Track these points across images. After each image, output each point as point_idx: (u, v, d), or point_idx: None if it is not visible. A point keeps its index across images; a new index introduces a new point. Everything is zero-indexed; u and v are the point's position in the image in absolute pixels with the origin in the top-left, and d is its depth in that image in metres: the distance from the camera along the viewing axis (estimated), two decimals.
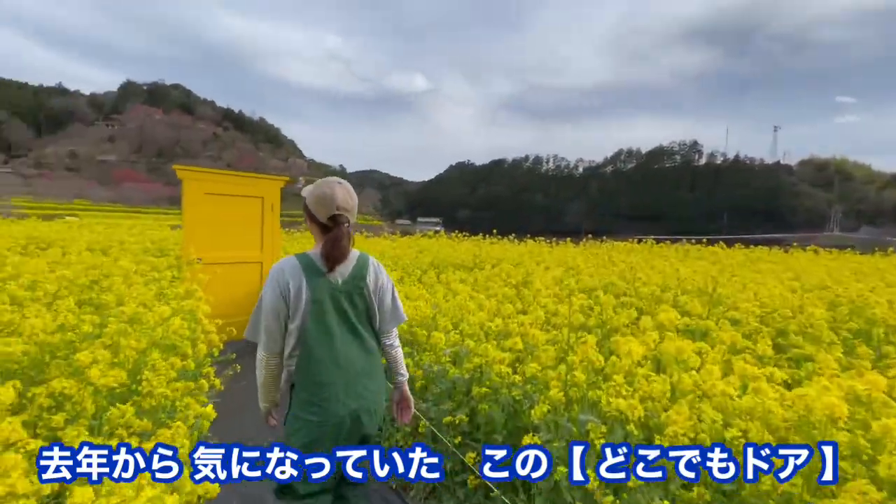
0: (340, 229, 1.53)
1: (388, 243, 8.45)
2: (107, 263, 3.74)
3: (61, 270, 3.52)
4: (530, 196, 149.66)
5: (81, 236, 6.82)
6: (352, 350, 1.57)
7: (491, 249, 7.69)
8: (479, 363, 2.15)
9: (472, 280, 4.54)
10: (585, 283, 4.00)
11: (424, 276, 4.46)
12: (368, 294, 1.60)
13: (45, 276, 3.20)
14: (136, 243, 6.10)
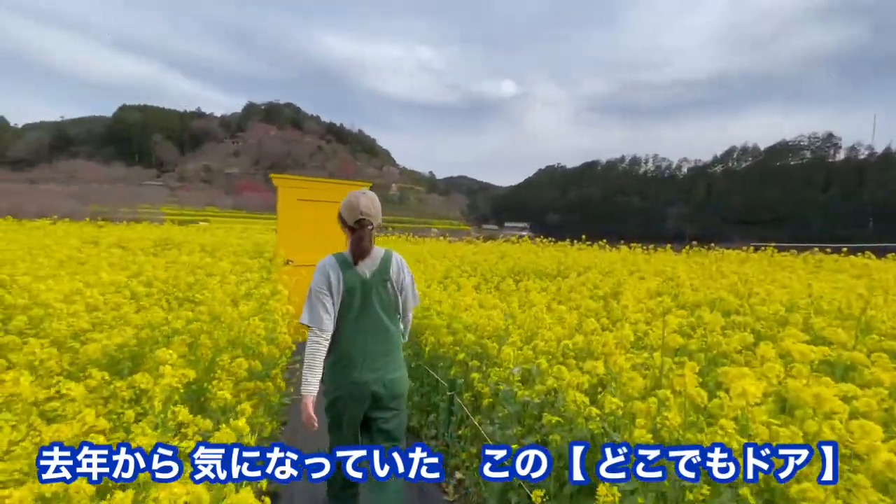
0: (363, 231, 1.94)
1: (468, 248, 8.36)
2: (210, 263, 4.10)
3: (174, 270, 3.94)
4: (626, 199, 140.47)
5: (198, 238, 7.75)
6: (374, 332, 1.92)
7: (578, 256, 7.20)
8: (552, 386, 1.90)
9: (554, 289, 4.23)
10: (687, 298, 3.48)
11: (503, 283, 4.25)
12: (392, 284, 1.98)
13: (158, 273, 3.60)
14: (239, 245, 6.72)
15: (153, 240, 7.04)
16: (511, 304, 3.09)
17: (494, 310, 3.16)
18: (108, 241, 6.59)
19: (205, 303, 2.64)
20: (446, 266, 5.59)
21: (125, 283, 3.30)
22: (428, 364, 3.11)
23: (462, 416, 2.54)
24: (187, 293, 3.19)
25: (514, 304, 3.11)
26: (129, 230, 9.84)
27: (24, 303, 2.74)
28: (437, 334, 2.93)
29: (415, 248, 8.05)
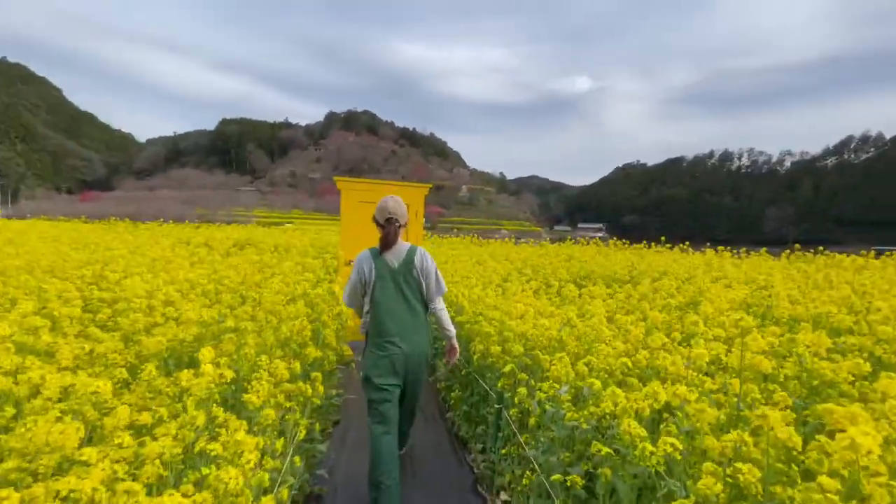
0: (391, 227, 2.40)
1: (532, 250, 8.02)
2: (274, 264, 4.30)
3: (243, 268, 4.17)
4: (714, 198, 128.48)
5: (273, 239, 8.28)
6: (403, 312, 2.36)
7: (654, 260, 6.60)
8: (606, 410, 1.67)
9: (622, 297, 3.86)
10: (782, 312, 2.97)
11: (564, 288, 3.97)
12: (416, 274, 2.41)
13: (229, 272, 3.83)
14: (311, 244, 7.03)
15: (235, 240, 7.63)
16: (569, 313, 2.84)
17: (551, 318, 2.93)
18: (197, 241, 7.25)
19: (259, 303, 2.73)
20: (506, 269, 5.39)
21: (197, 282, 3.54)
22: (477, 372, 2.96)
23: (508, 433, 2.36)
24: (249, 292, 3.35)
25: (572, 312, 2.86)
26: (219, 231, 10.82)
27: (111, 296, 3.04)
28: (485, 342, 2.77)
29: (477, 250, 7.90)
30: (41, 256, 4.78)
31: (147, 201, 76.78)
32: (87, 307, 3.00)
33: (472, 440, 2.92)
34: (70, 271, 4.00)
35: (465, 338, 3.33)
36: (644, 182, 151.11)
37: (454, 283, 4.38)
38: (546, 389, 2.02)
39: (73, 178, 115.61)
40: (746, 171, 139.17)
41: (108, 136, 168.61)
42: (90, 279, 3.76)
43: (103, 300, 2.92)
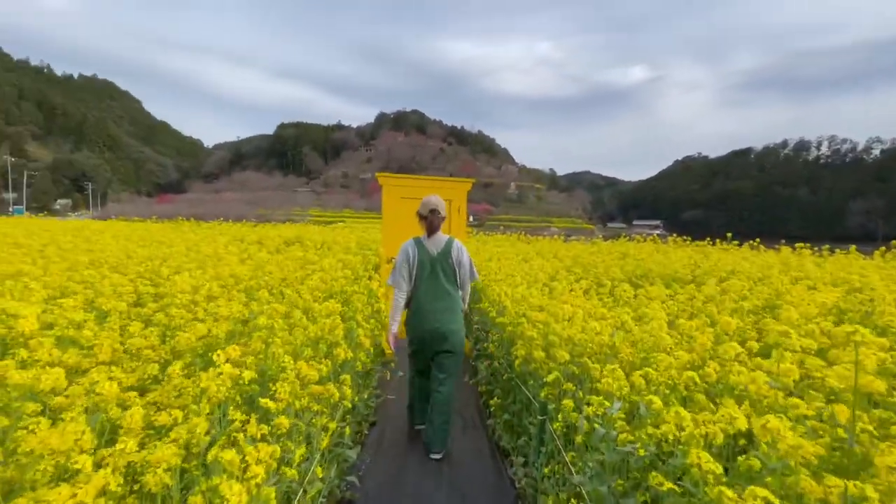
0: (434, 217, 3.01)
1: (582, 247, 7.59)
2: (316, 259, 4.29)
3: (287, 265, 4.19)
4: (787, 191, 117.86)
5: (320, 236, 8.43)
6: (439, 294, 2.84)
7: (720, 258, 6.00)
8: (668, 433, 1.41)
9: (684, 298, 3.47)
10: (888, 320, 2.50)
11: (618, 288, 3.64)
12: (452, 262, 2.92)
13: (270, 268, 3.86)
14: (347, 242, 7.06)
15: (285, 238, 7.84)
16: (623, 316, 2.55)
17: (602, 321, 2.65)
18: (251, 239, 7.51)
19: (294, 302, 2.67)
20: (554, 267, 5.09)
21: (241, 278, 3.58)
22: (519, 378, 2.74)
23: (552, 449, 2.13)
24: (287, 290, 3.33)
25: (627, 315, 2.56)
26: (273, 229, 11.24)
27: (157, 291, 3.12)
28: (528, 346, 2.55)
29: (524, 248, 7.61)
30: (109, 254, 5.09)
31: (213, 203, 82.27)
32: (138, 301, 3.11)
33: (513, 452, 2.71)
34: (132, 267, 4.21)
35: (506, 340, 3.12)
36: (706, 175, 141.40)
37: (497, 282, 4.17)
38: (595, 404, 1.78)
39: (150, 182, 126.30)
40: (827, 160, 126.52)
41: (180, 142, 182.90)
42: (146, 274, 3.92)
43: (150, 295, 2.99)
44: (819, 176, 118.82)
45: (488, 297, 3.94)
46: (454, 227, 5.36)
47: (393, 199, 5.20)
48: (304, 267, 4.33)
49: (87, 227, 9.49)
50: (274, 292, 3.24)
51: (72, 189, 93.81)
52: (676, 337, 2.21)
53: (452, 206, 5.36)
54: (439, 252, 2.92)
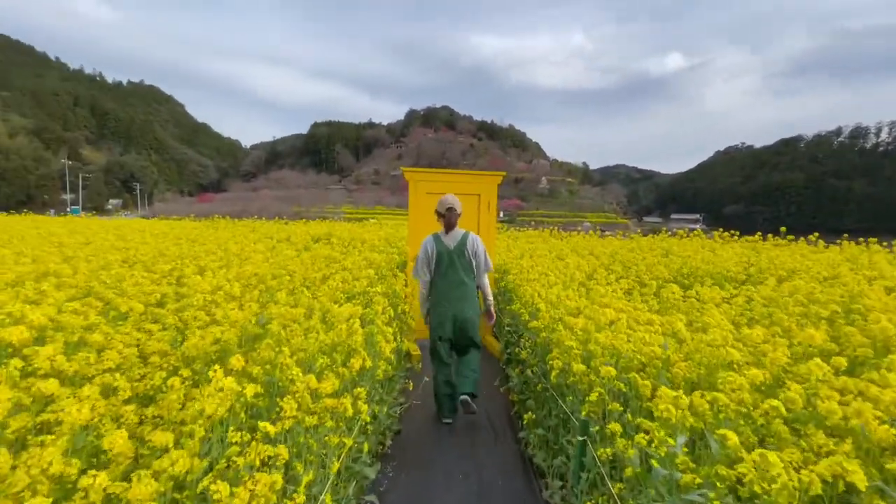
0: (451, 214, 3.31)
1: (620, 243, 7.14)
2: (340, 258, 4.16)
3: (309, 263, 4.07)
4: (842, 182, 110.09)
5: (348, 234, 8.36)
6: (456, 283, 3.20)
7: (777, 255, 5.47)
8: (747, 479, 1.13)
9: (741, 302, 3.10)
10: None
11: (665, 289, 3.30)
12: (468, 254, 3.27)
13: (294, 266, 3.75)
14: (373, 240, 6.92)
15: (314, 235, 7.81)
16: (674, 323, 2.25)
17: (649, 327, 2.35)
18: (280, 236, 7.52)
19: (309, 305, 2.51)
20: (591, 265, 4.76)
21: (264, 277, 3.47)
22: (556, 389, 2.48)
23: (595, 477, 1.87)
24: (303, 294, 3.19)
25: (679, 322, 2.26)
26: (303, 226, 11.31)
27: (177, 291, 3.04)
28: (566, 356, 2.28)
29: (557, 244, 7.25)
30: (143, 252, 5.15)
31: (251, 201, 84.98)
32: (161, 301, 3.05)
33: (549, 472, 2.45)
34: (158, 266, 4.21)
35: (540, 347, 2.86)
36: (750, 167, 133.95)
37: (530, 282, 3.90)
38: (652, 432, 1.50)
39: (193, 182, 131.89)
40: (886, 148, 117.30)
41: (220, 143, 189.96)
42: (174, 273, 3.89)
43: (171, 296, 2.91)
44: (878, 165, 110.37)
45: (520, 298, 3.68)
46: (483, 223, 5.12)
47: (419, 195, 5.00)
48: (329, 265, 4.20)
49: (128, 226, 9.82)
50: (295, 293, 3.11)
51: (122, 190, 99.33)
52: (741, 349, 1.90)
53: (481, 200, 5.11)
54: (456, 245, 3.28)
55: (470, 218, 5.05)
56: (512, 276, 4.48)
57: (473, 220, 5.07)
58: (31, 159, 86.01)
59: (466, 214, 4.97)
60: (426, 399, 3.62)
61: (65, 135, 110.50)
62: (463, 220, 5.12)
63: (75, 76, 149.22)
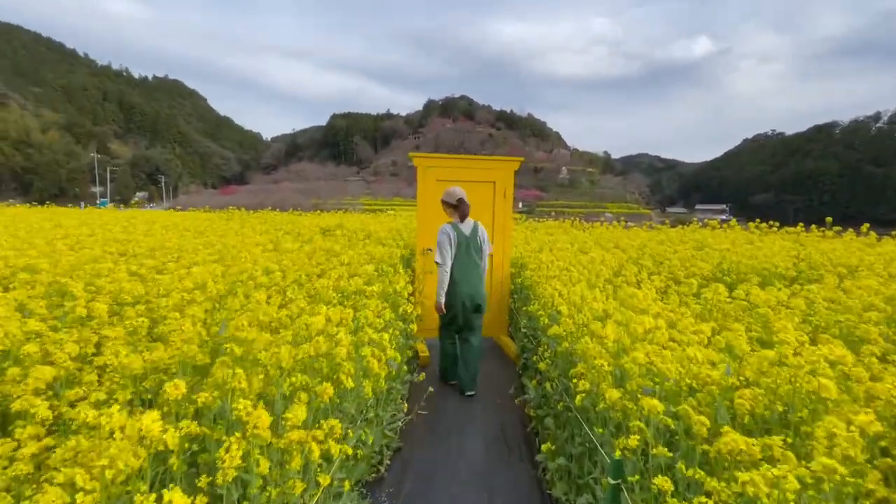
0: (464, 206, 3.75)
1: (647, 235, 6.59)
2: (338, 251, 3.81)
3: (311, 255, 3.73)
4: (881, 170, 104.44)
5: (356, 224, 8.03)
6: (471, 266, 3.70)
7: (830, 249, 4.89)
8: None
9: (800, 305, 2.61)
10: None
11: (705, 289, 2.84)
12: (479, 240, 3.78)
13: (290, 261, 3.41)
14: (379, 232, 6.55)
15: (323, 226, 7.50)
16: (736, 337, 1.80)
17: (693, 343, 1.92)
18: (287, 228, 7.24)
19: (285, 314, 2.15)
20: (618, 259, 4.29)
21: (253, 274, 3.15)
22: (580, 412, 2.07)
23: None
24: (294, 295, 2.86)
25: (738, 337, 1.81)
26: (315, 218, 11.06)
27: (142, 294, 2.73)
28: (594, 374, 1.87)
29: (579, 236, 6.75)
30: (143, 244, 4.92)
31: (272, 193, 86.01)
32: (138, 301, 2.75)
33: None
34: (159, 258, 3.95)
35: (562, 358, 2.44)
36: (780, 155, 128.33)
37: (549, 279, 3.47)
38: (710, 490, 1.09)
39: (216, 175, 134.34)
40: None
41: (242, 136, 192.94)
42: (159, 267, 3.62)
43: (132, 299, 2.60)
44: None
45: (539, 298, 3.26)
46: (498, 213, 4.70)
47: (429, 182, 4.60)
48: (328, 259, 3.85)
49: (141, 217, 9.73)
50: (278, 295, 2.77)
51: (148, 182, 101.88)
52: (833, 380, 1.45)
53: (497, 188, 4.69)
54: (470, 233, 3.73)
55: (484, 207, 4.64)
56: (529, 271, 4.06)
57: (488, 209, 4.66)
58: (62, 153, 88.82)
59: (480, 203, 4.56)
60: (432, 409, 3.26)
61: (94, 129, 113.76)
62: (476, 209, 4.70)
63: (103, 72, 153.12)
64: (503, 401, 3.56)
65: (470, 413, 3.36)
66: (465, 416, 3.33)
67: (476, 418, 3.28)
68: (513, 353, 4.48)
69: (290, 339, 1.67)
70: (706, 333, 2.03)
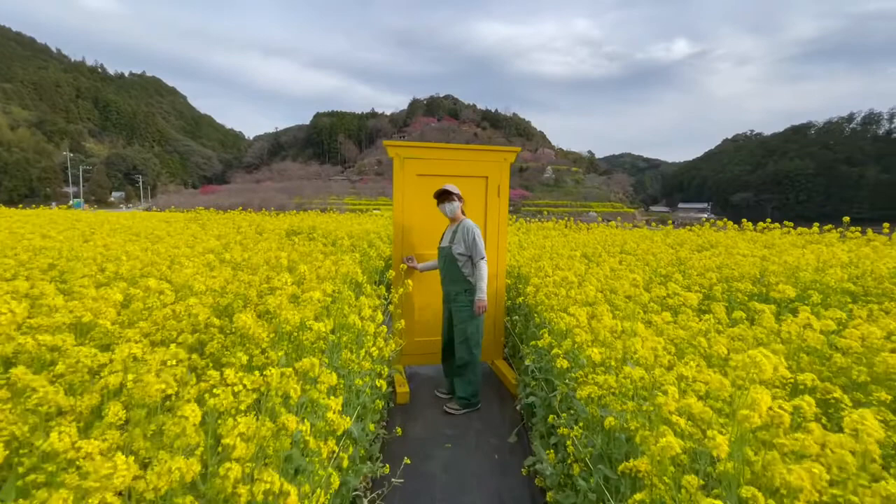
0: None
1: (653, 236, 5.86)
2: (286, 262, 2.99)
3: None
4: (854, 169, 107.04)
5: (328, 225, 7.18)
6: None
7: (883, 255, 4.22)
8: None
9: (877, 332, 1.89)
10: None
11: (758, 312, 2.10)
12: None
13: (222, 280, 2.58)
14: (343, 235, 5.72)
15: (289, 227, 6.63)
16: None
17: (703, 399, 1.16)
18: (248, 232, 6.35)
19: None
20: (644, 273, 3.53)
21: (168, 300, 2.32)
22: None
23: None
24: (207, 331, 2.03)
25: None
26: (280, 220, 10.14)
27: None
28: (668, 487, 1.10)
29: (580, 238, 6.02)
30: (64, 253, 4.03)
31: (253, 192, 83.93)
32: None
33: None
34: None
35: (594, 423, 1.67)
36: (759, 155, 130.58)
37: (554, 296, 2.69)
38: None
39: (197, 174, 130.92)
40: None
41: (223, 134, 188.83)
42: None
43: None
44: (892, 151, 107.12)
45: (553, 331, 2.46)
46: (491, 213, 3.93)
47: (408, 178, 3.78)
48: (279, 274, 3.01)
49: (84, 220, 8.68)
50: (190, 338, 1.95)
51: (124, 182, 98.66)
52: None
53: (489, 184, 3.90)
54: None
55: (475, 207, 3.86)
56: (532, 287, 3.29)
57: (479, 209, 3.88)
58: (33, 152, 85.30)
59: (470, 202, 3.76)
60: (412, 473, 2.47)
61: (67, 127, 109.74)
62: (466, 209, 3.94)
63: (77, 68, 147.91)
64: (503, 455, 2.78)
65: (460, 478, 2.57)
66: (456, 481, 2.54)
67: (466, 485, 2.49)
68: (512, 382, 3.72)
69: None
70: (803, 407, 1.27)
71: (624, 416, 1.45)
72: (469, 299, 3.32)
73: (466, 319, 3.33)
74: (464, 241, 3.32)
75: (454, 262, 3.34)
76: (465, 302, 3.33)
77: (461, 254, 3.32)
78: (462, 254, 3.32)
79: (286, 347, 1.73)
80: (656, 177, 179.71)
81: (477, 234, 3.30)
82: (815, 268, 3.57)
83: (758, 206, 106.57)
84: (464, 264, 3.33)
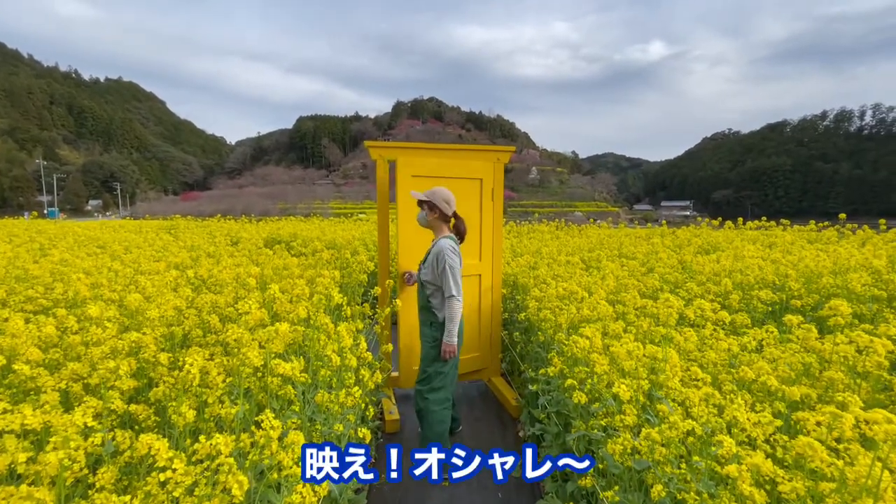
0: (459, 220, 2.73)
1: (648, 234, 5.61)
2: (253, 285, 2.63)
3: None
4: (829, 166, 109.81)
5: (312, 233, 6.79)
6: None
7: (851, 258, 4.02)
8: None
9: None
10: None
11: (760, 319, 1.83)
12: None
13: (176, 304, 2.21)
14: (319, 244, 5.36)
15: (266, 237, 6.23)
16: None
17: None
18: (220, 241, 5.93)
19: None
20: (652, 281, 3.24)
21: (104, 338, 1.96)
22: None
23: None
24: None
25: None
26: (260, 227, 9.70)
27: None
28: None
29: (575, 243, 5.75)
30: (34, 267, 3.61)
31: (236, 198, 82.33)
32: None
33: None
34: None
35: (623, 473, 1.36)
36: (738, 152, 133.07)
37: (559, 311, 2.39)
38: None
39: (177, 181, 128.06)
40: (871, 131, 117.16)
41: (204, 140, 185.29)
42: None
43: None
44: (863, 148, 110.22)
45: (563, 355, 2.15)
46: (486, 218, 3.62)
47: (406, 181, 3.43)
48: (249, 294, 2.65)
49: (45, 232, 8.12)
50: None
51: (102, 190, 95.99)
52: None
53: (483, 187, 3.59)
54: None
55: (469, 212, 3.53)
56: (532, 300, 2.98)
57: (473, 214, 3.56)
58: (4, 160, 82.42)
59: (463, 208, 3.43)
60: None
61: (40, 134, 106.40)
62: (459, 212, 3.66)
63: (49, 73, 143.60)
64: (508, 494, 2.46)
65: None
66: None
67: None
68: (511, 404, 3.40)
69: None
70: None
71: (674, 481, 1.14)
72: (434, 335, 2.61)
73: (426, 358, 2.65)
74: (432, 267, 2.56)
75: (422, 288, 2.67)
76: (428, 337, 2.64)
77: (428, 282, 2.60)
78: (429, 282, 2.60)
79: (243, 402, 1.38)
80: (639, 176, 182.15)
81: (451, 263, 2.50)
82: (832, 270, 3.34)
83: (738, 203, 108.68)
84: (432, 293, 2.61)
